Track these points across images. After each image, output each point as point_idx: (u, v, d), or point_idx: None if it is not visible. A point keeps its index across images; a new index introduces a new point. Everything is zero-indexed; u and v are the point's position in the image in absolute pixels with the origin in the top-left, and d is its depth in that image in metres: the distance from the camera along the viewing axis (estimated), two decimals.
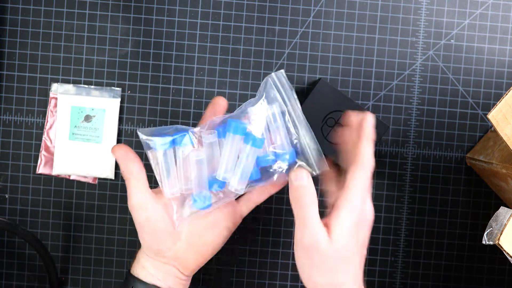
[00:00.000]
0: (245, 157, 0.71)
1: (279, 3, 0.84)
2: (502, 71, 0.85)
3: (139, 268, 0.73)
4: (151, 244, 0.72)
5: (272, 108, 0.72)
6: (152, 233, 0.72)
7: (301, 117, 0.73)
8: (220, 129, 0.72)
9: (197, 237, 0.73)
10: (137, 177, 0.71)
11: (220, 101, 0.75)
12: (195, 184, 0.72)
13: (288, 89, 0.73)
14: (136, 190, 0.71)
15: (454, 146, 0.85)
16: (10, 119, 0.85)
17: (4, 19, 0.84)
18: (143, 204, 0.71)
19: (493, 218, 0.64)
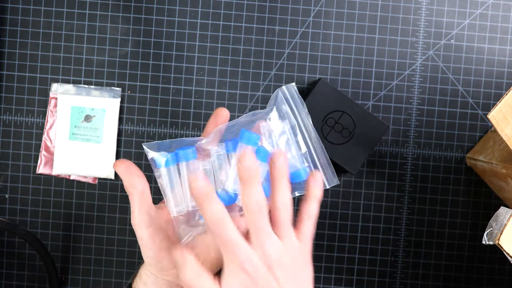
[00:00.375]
0: None
1: (279, 3, 0.84)
2: (502, 71, 0.85)
3: (141, 284, 0.72)
4: (155, 262, 0.70)
5: (283, 124, 0.71)
6: (156, 250, 0.70)
7: (313, 133, 0.72)
8: (230, 143, 0.71)
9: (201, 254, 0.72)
10: (141, 191, 0.69)
11: (222, 112, 0.73)
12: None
13: (299, 103, 0.71)
14: (140, 206, 0.69)
15: (454, 146, 0.85)
16: (10, 119, 0.85)
17: (4, 19, 0.84)
18: (147, 221, 0.69)
19: (493, 218, 0.64)
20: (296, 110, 0.72)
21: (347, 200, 0.85)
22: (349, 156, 0.80)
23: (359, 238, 0.86)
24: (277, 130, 0.71)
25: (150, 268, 0.72)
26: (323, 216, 0.85)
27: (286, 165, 0.66)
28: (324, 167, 0.72)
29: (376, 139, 0.81)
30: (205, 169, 0.71)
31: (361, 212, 0.85)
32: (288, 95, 0.72)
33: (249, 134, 0.69)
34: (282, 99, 0.71)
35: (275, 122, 0.71)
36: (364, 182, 0.85)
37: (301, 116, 0.72)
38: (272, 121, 0.71)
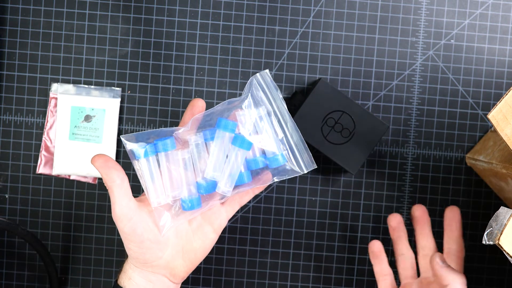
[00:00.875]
0: (234, 159, 0.71)
1: (279, 3, 0.84)
2: (502, 71, 0.85)
3: (126, 280, 0.72)
4: (138, 254, 0.71)
5: (259, 110, 0.72)
6: (138, 242, 0.70)
7: (287, 117, 0.73)
8: (208, 132, 0.72)
9: (184, 243, 0.72)
10: (119, 185, 0.69)
11: (198, 102, 0.74)
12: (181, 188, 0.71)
13: (274, 89, 0.73)
14: (120, 199, 0.69)
15: (454, 146, 0.85)
16: (10, 119, 0.85)
17: (4, 19, 0.84)
18: (128, 214, 0.69)
19: (493, 218, 0.64)
20: (271, 96, 0.73)
21: (347, 200, 0.85)
22: (349, 156, 0.80)
23: (359, 238, 0.86)
24: (253, 117, 0.72)
25: (133, 261, 0.72)
26: (323, 216, 0.85)
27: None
28: (300, 151, 0.73)
29: (376, 139, 0.81)
30: (184, 159, 0.71)
31: (361, 212, 0.85)
32: (263, 82, 0.73)
33: (226, 121, 0.70)
34: (257, 86, 0.72)
35: (250, 109, 0.71)
36: (364, 182, 0.85)
37: (276, 102, 0.73)
38: (247, 108, 0.71)
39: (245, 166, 0.72)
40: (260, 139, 0.72)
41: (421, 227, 0.82)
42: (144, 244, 0.70)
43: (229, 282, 0.86)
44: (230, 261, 0.86)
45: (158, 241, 0.71)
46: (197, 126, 0.73)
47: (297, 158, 0.73)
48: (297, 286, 0.86)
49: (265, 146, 0.72)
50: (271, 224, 0.85)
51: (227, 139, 0.71)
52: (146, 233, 0.70)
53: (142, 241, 0.70)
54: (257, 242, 0.85)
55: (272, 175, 0.73)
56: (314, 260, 0.86)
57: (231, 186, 0.71)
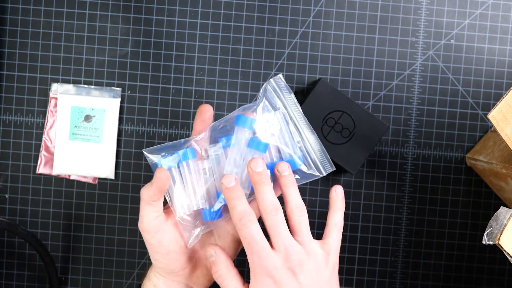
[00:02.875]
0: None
1: (279, 3, 0.84)
2: (502, 71, 0.85)
3: (151, 286, 0.73)
4: (164, 265, 0.71)
5: (274, 114, 0.72)
6: (165, 254, 0.70)
7: (303, 120, 0.73)
8: (224, 139, 0.72)
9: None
10: (156, 202, 0.70)
11: (206, 108, 0.74)
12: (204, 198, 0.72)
13: (288, 93, 0.73)
14: (151, 212, 0.70)
15: (454, 146, 0.85)
16: (10, 119, 0.85)
17: (4, 19, 0.84)
18: (155, 226, 0.70)
19: (493, 218, 0.64)
20: (286, 101, 0.73)
21: (347, 200, 0.85)
22: (349, 156, 0.80)
23: (359, 238, 0.86)
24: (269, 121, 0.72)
25: (158, 270, 0.72)
26: (323, 216, 0.85)
27: (291, 172, 0.70)
28: (317, 154, 0.73)
29: (376, 139, 0.81)
30: (205, 168, 0.71)
31: (361, 212, 0.85)
32: (277, 87, 0.73)
33: (244, 118, 0.71)
34: (271, 91, 0.73)
35: (266, 114, 0.72)
36: (364, 182, 0.85)
37: (291, 106, 0.73)
38: (265, 113, 0.72)
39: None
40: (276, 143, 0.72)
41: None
42: (170, 255, 0.71)
43: None
44: None
45: (183, 252, 0.71)
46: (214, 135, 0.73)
47: (315, 161, 0.73)
48: None
49: (282, 150, 0.72)
50: None
51: (247, 135, 0.71)
52: (173, 245, 0.71)
53: (168, 252, 0.70)
54: None
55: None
56: None
57: (249, 188, 0.71)
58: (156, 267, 0.72)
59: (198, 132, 0.74)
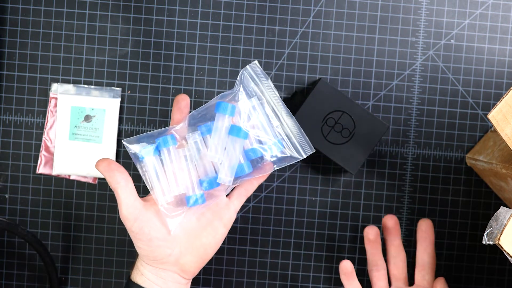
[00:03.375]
0: (232, 149, 0.72)
1: (279, 3, 0.84)
2: (502, 71, 0.85)
3: (138, 275, 0.73)
4: (148, 252, 0.72)
5: (251, 101, 0.73)
6: (147, 241, 0.71)
7: (281, 104, 0.74)
8: (204, 128, 0.73)
9: (194, 240, 0.73)
10: (124, 186, 0.70)
11: (182, 96, 0.75)
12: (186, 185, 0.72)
13: (264, 79, 0.74)
14: (125, 199, 0.70)
15: (454, 146, 0.85)
16: (10, 119, 0.85)
17: (4, 19, 0.84)
18: (134, 214, 0.71)
19: (493, 218, 0.64)
20: (263, 87, 0.73)
21: (347, 200, 0.85)
22: (349, 156, 0.80)
23: (359, 238, 0.86)
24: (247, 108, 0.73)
25: (144, 258, 0.73)
26: (323, 216, 0.85)
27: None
28: (297, 137, 0.74)
29: (376, 139, 0.81)
30: (185, 155, 0.72)
31: (361, 212, 0.85)
32: (253, 73, 0.74)
33: (225, 104, 0.72)
34: (248, 78, 0.74)
35: (243, 101, 0.72)
36: (364, 182, 0.85)
37: (268, 91, 0.74)
38: (240, 100, 0.73)
39: (244, 157, 0.73)
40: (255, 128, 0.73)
41: (393, 238, 0.82)
42: (153, 242, 0.71)
43: (229, 282, 0.86)
44: (230, 261, 0.86)
45: (166, 239, 0.72)
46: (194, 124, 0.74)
47: (294, 144, 0.74)
48: (297, 286, 0.86)
49: (261, 135, 0.73)
50: (271, 224, 0.85)
51: (227, 122, 0.72)
52: (154, 232, 0.71)
53: (150, 239, 0.71)
54: (257, 242, 0.85)
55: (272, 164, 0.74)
56: (314, 260, 0.86)
57: (232, 175, 0.72)
58: (141, 255, 0.73)
59: (176, 121, 0.75)
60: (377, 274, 0.81)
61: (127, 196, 0.70)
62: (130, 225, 0.71)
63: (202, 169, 0.73)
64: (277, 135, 0.74)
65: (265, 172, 0.74)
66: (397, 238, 0.82)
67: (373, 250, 0.81)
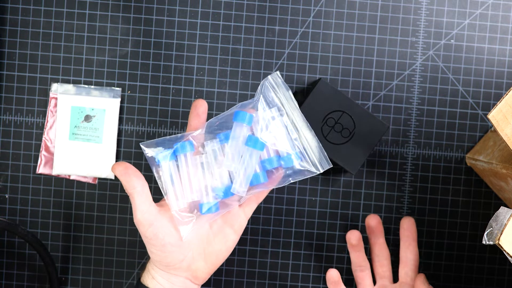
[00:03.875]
0: (248, 159, 0.71)
1: (279, 3, 0.84)
2: (502, 71, 0.85)
3: (149, 279, 0.73)
4: (161, 258, 0.72)
5: (271, 111, 0.73)
6: (160, 246, 0.71)
7: (300, 117, 0.73)
8: (222, 136, 0.73)
9: (206, 246, 0.73)
10: (140, 191, 0.70)
11: (200, 102, 0.75)
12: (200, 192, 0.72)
13: (285, 90, 0.73)
14: (141, 205, 0.70)
15: (454, 146, 0.85)
16: (10, 119, 0.85)
17: (4, 19, 0.84)
18: (149, 219, 0.71)
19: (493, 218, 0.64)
20: (283, 97, 0.73)
21: (347, 200, 0.85)
22: (349, 156, 0.80)
23: None
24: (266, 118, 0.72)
25: (156, 263, 0.73)
26: (323, 216, 0.85)
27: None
28: (314, 151, 0.74)
29: (376, 139, 0.81)
30: (202, 163, 0.72)
31: (361, 212, 0.85)
32: (274, 84, 0.73)
33: (243, 113, 0.71)
34: (268, 88, 0.73)
35: (263, 111, 0.72)
36: (364, 182, 0.85)
37: (288, 103, 0.73)
38: (260, 110, 0.72)
39: (260, 167, 0.73)
40: (273, 139, 0.73)
41: (376, 237, 0.82)
42: (166, 248, 0.71)
43: (229, 282, 0.86)
44: (230, 261, 0.86)
45: (179, 245, 0.72)
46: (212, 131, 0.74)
47: (312, 158, 0.74)
48: (297, 286, 0.86)
49: (279, 146, 0.73)
50: (271, 224, 0.85)
51: (244, 131, 0.71)
52: (168, 238, 0.71)
53: (163, 245, 0.71)
54: (257, 242, 0.85)
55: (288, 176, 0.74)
56: (314, 260, 0.86)
57: (246, 186, 0.71)
58: (154, 260, 0.73)
59: (193, 127, 0.74)
60: (361, 274, 0.82)
61: (143, 202, 0.70)
62: (145, 230, 0.71)
63: (218, 177, 0.73)
64: (295, 147, 0.74)
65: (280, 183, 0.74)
66: (380, 237, 0.82)
67: (357, 253, 0.82)
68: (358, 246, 0.81)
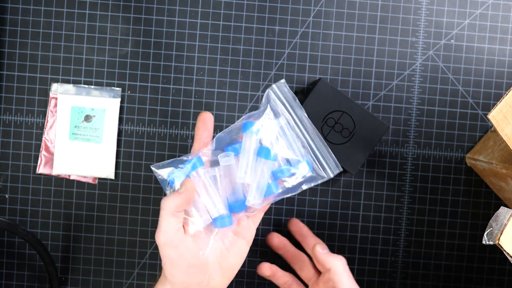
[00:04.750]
0: (260, 171, 0.71)
1: (279, 3, 0.84)
2: (502, 71, 0.85)
3: None
4: (184, 280, 0.70)
5: (279, 121, 0.72)
6: (186, 268, 0.69)
7: (308, 124, 0.73)
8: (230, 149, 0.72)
9: (221, 262, 0.72)
10: (180, 215, 0.69)
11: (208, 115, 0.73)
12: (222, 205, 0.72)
13: (291, 98, 0.73)
14: (175, 224, 0.68)
15: (454, 146, 0.85)
16: (10, 119, 0.85)
17: (4, 19, 0.84)
18: (178, 239, 0.69)
19: (493, 218, 0.64)
20: (289, 106, 0.73)
21: (347, 200, 0.85)
22: (349, 156, 0.80)
23: (359, 238, 0.86)
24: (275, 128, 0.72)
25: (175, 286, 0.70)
26: (323, 216, 0.85)
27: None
28: (324, 156, 0.74)
29: (376, 139, 0.81)
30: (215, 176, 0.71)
31: (361, 212, 0.85)
32: (279, 93, 0.73)
33: (251, 123, 0.71)
34: (274, 98, 0.73)
35: (271, 120, 0.72)
36: (364, 182, 0.85)
37: (295, 111, 0.73)
38: (269, 120, 0.72)
39: (272, 178, 0.73)
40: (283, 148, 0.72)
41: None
42: (190, 269, 0.69)
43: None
44: None
45: (201, 265, 0.70)
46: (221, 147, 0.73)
47: (322, 163, 0.74)
48: None
49: (289, 155, 0.73)
50: (271, 224, 0.85)
51: (254, 142, 0.71)
52: (192, 259, 0.69)
53: (189, 267, 0.69)
54: (257, 242, 0.85)
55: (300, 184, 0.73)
56: None
57: (260, 198, 0.71)
58: (172, 282, 0.70)
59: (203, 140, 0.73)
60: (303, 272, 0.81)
61: (176, 224, 0.68)
62: (171, 251, 0.68)
63: (231, 191, 0.72)
64: (306, 155, 0.73)
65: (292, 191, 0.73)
66: (288, 246, 0.82)
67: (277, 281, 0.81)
68: (271, 277, 0.81)
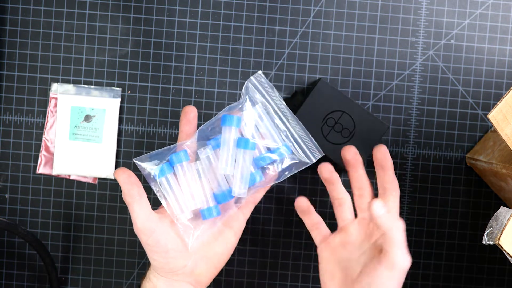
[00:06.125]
0: (242, 161, 0.72)
1: (279, 3, 0.84)
2: (502, 71, 0.85)
3: (151, 287, 0.73)
4: (163, 264, 0.72)
5: (256, 109, 0.74)
6: (163, 253, 0.71)
7: (287, 112, 0.75)
8: (213, 142, 0.73)
9: (207, 250, 0.73)
10: (139, 200, 0.70)
11: (190, 108, 0.75)
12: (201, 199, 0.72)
13: (269, 88, 0.75)
14: (140, 213, 0.70)
15: (454, 146, 0.85)
16: (10, 119, 0.85)
17: (4, 19, 0.84)
18: (150, 226, 0.70)
19: (493, 218, 0.64)
20: (268, 96, 0.75)
21: None
22: None
23: None
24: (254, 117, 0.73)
25: (158, 270, 0.73)
26: (323, 216, 0.85)
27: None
28: (305, 142, 0.75)
29: (376, 139, 0.80)
30: (198, 169, 0.72)
31: None
32: (258, 84, 0.75)
33: (230, 116, 0.72)
34: (253, 89, 0.75)
35: (250, 111, 0.73)
36: None
37: (274, 100, 0.74)
38: (247, 110, 0.73)
39: (254, 166, 0.74)
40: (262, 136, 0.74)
41: (355, 169, 0.76)
42: (169, 254, 0.71)
43: (229, 282, 0.86)
44: (230, 261, 0.86)
45: (181, 250, 0.72)
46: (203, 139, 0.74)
47: (303, 148, 0.75)
48: (297, 286, 0.86)
49: (269, 142, 0.74)
50: (271, 224, 0.85)
51: (234, 134, 0.72)
52: (170, 244, 0.71)
53: (166, 251, 0.71)
54: (257, 242, 0.85)
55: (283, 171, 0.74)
56: (314, 260, 0.86)
57: (245, 187, 0.72)
58: (155, 267, 0.72)
59: (185, 133, 0.74)
60: (340, 209, 0.77)
61: (142, 210, 0.70)
62: (146, 238, 0.70)
63: (215, 183, 0.73)
64: (285, 140, 0.74)
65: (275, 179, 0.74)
66: (359, 168, 0.76)
67: (331, 186, 0.76)
68: (331, 178, 0.76)
